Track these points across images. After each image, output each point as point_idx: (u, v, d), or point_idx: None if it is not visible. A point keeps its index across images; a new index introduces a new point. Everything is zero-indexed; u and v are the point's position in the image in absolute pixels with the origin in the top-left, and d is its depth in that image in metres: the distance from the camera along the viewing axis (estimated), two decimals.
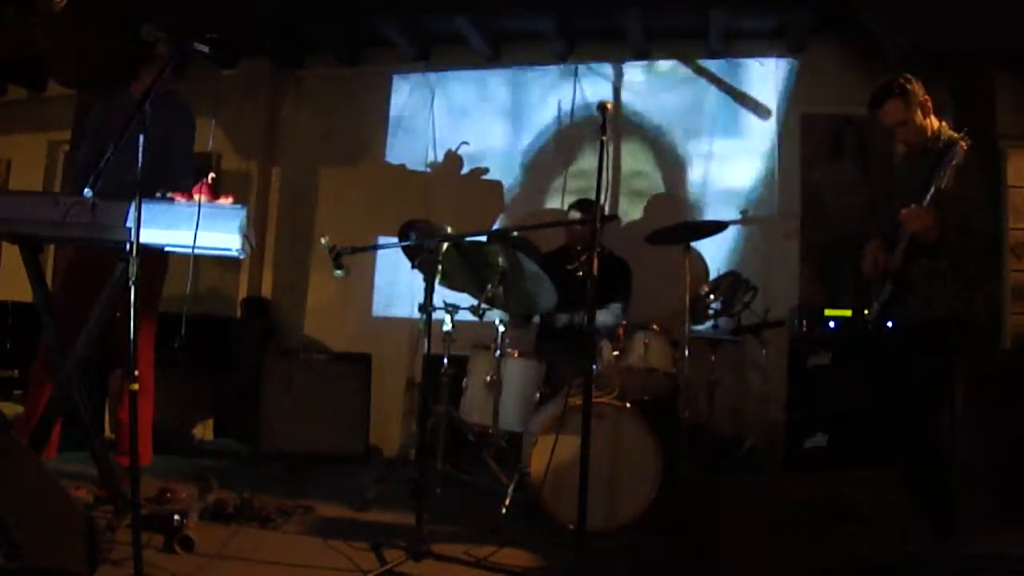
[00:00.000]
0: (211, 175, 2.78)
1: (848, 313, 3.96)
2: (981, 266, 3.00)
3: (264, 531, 2.93)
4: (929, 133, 2.98)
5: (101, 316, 2.71)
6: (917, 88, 2.95)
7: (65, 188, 5.42)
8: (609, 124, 2.53)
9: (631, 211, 5.17)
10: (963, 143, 2.72)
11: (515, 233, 4.43)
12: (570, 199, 4.82)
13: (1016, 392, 3.64)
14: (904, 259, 2.91)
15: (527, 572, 2.66)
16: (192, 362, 4.21)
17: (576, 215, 4.28)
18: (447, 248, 3.27)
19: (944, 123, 3.01)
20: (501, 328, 3.61)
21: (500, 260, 3.38)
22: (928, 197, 2.76)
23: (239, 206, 2.66)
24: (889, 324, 3.04)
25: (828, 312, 4.07)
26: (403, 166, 5.55)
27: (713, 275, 4.21)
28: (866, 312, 3.15)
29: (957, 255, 2.84)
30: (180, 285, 3.84)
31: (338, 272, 3.01)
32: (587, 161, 5.18)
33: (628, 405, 3.26)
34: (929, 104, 2.97)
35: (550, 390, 3.69)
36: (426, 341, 2.85)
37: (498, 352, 3.59)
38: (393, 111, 5.61)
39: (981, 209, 2.84)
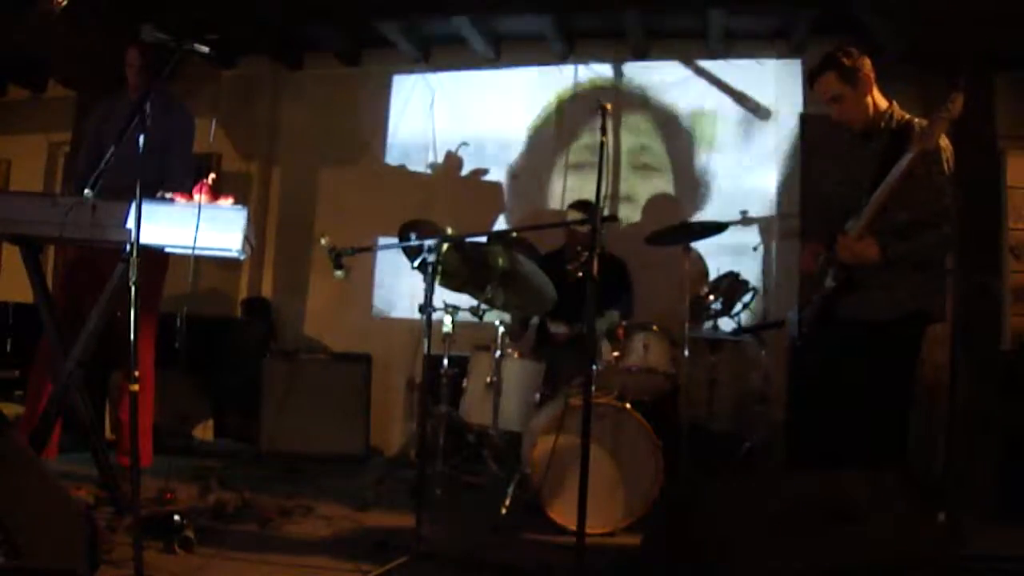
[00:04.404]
0: (211, 175, 2.78)
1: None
2: (944, 264, 2.85)
3: (264, 531, 2.93)
4: (871, 113, 2.70)
5: (101, 316, 2.72)
6: (860, 63, 2.65)
7: (65, 189, 5.42)
8: (608, 123, 2.53)
9: (630, 214, 5.17)
10: (919, 146, 2.42)
11: (514, 234, 4.43)
12: (569, 199, 4.82)
13: (1015, 392, 3.64)
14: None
15: (527, 572, 2.66)
16: (192, 362, 4.21)
17: (576, 215, 4.27)
18: (447, 248, 3.27)
19: (895, 103, 2.73)
20: (501, 329, 3.62)
21: (500, 261, 3.38)
22: (869, 209, 2.54)
23: (239, 206, 2.66)
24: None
25: None
26: (403, 166, 5.55)
27: (713, 275, 4.20)
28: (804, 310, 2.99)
29: (929, 251, 2.65)
30: (180, 285, 3.86)
31: (338, 273, 3.01)
32: (586, 161, 5.18)
33: (628, 405, 3.26)
34: (871, 80, 2.67)
35: (550, 390, 3.69)
36: (426, 341, 2.85)
37: (498, 353, 3.59)
38: (393, 111, 5.61)
39: (952, 206, 2.60)
